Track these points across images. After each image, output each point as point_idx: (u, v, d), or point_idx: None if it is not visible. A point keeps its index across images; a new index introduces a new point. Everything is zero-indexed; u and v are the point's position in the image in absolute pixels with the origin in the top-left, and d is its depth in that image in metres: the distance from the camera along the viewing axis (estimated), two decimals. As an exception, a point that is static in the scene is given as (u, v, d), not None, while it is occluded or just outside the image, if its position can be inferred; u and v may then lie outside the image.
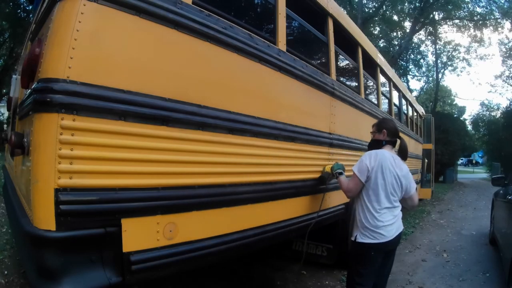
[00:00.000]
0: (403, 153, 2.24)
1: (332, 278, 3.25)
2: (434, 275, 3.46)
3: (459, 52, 21.83)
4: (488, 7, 16.64)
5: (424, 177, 8.52)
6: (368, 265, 2.00)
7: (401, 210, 2.13)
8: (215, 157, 1.67)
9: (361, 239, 1.99)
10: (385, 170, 2.01)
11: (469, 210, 7.89)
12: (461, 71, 23.30)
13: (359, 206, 2.08)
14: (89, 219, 1.25)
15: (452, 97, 31.25)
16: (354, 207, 2.16)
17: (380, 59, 4.51)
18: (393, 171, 2.04)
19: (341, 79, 3.33)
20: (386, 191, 2.02)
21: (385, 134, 2.20)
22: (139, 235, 1.36)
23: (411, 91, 19.09)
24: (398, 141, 2.28)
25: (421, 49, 20.94)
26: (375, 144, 2.25)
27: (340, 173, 2.35)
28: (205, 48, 1.63)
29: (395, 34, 19.39)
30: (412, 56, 20.54)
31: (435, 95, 22.60)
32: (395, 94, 5.55)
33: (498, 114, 21.30)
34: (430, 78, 23.66)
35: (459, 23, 18.29)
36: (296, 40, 2.66)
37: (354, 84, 3.70)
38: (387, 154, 2.07)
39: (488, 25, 17.43)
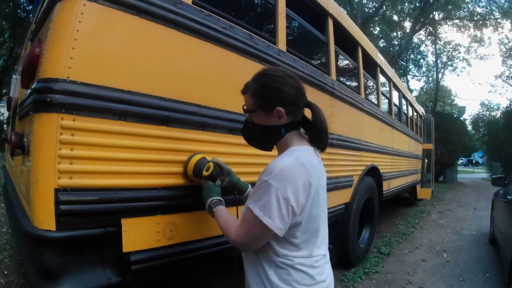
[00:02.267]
0: (321, 140, 1.11)
1: (332, 278, 3.24)
2: (434, 275, 3.46)
3: (459, 52, 21.95)
4: (488, 7, 16.73)
5: (424, 177, 8.53)
6: None
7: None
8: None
9: None
10: (321, 192, 1.08)
11: (469, 210, 7.88)
12: (461, 71, 23.62)
13: (271, 259, 1.06)
14: (89, 219, 1.24)
15: (452, 97, 31.40)
16: (252, 264, 1.17)
17: (380, 59, 4.51)
18: (324, 185, 1.14)
19: (341, 79, 3.33)
20: (324, 225, 1.13)
21: (283, 114, 1.07)
22: (139, 235, 1.36)
23: (411, 91, 19.10)
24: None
25: (421, 49, 21.05)
26: (263, 133, 1.15)
27: (218, 201, 1.28)
28: (205, 48, 1.63)
29: (395, 34, 19.45)
30: (412, 56, 20.61)
31: (435, 95, 22.65)
32: (395, 94, 5.55)
33: (498, 114, 21.40)
34: (430, 78, 23.76)
35: (459, 23, 18.38)
36: (296, 40, 2.66)
37: (354, 84, 3.70)
38: (315, 161, 1.08)
39: (488, 25, 17.50)
